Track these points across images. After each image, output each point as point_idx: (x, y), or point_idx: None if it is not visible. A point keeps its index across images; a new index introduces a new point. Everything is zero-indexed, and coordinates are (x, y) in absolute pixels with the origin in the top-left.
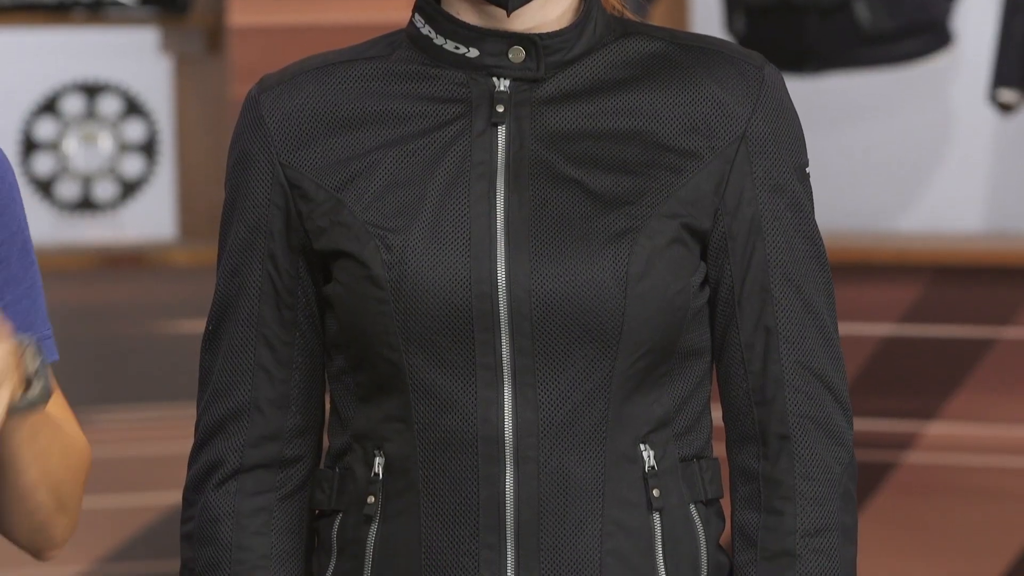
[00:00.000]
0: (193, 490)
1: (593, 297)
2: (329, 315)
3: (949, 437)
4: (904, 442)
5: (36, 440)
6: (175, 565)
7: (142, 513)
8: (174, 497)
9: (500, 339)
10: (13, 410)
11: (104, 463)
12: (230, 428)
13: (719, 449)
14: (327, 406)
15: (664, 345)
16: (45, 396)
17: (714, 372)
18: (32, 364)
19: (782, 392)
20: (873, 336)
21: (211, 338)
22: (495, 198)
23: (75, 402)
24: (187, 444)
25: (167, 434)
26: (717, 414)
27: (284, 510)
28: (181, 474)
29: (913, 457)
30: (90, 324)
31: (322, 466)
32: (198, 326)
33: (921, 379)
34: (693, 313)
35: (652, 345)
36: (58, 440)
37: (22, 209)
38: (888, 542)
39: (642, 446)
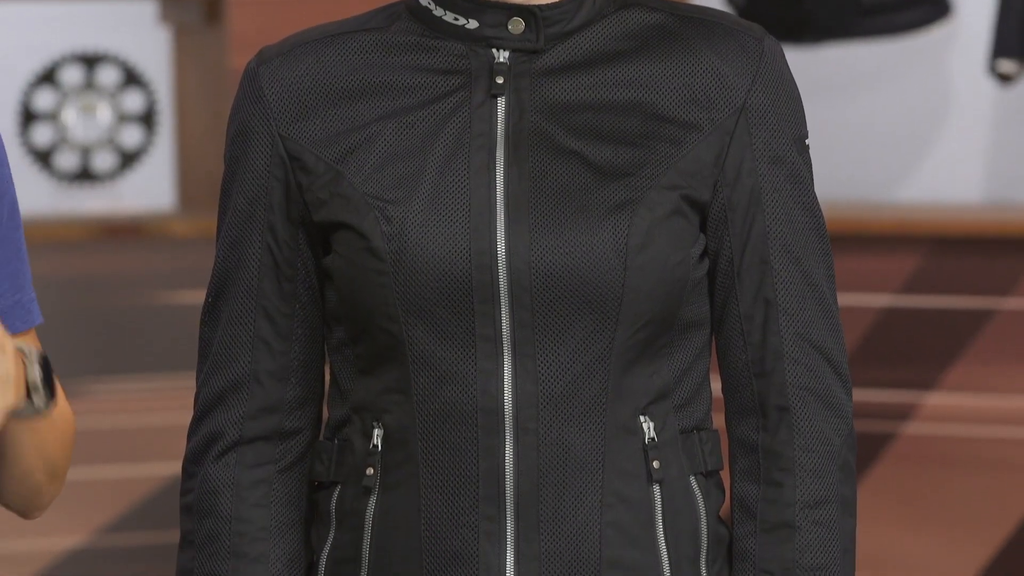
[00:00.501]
0: (193, 462)
1: (593, 269)
2: (329, 287)
3: (948, 408)
4: (903, 413)
5: (36, 432)
6: (175, 536)
7: (142, 484)
8: (174, 468)
9: (500, 311)
10: (16, 415)
11: (104, 434)
12: (230, 400)
13: (719, 421)
14: (327, 378)
15: (664, 317)
16: (48, 405)
17: (713, 344)
18: (34, 373)
19: (781, 364)
20: (872, 307)
21: (211, 310)
22: (495, 170)
23: (75, 373)
24: (187, 415)
25: (167, 405)
26: (717, 386)
27: (284, 482)
28: (181, 445)
29: (912, 428)
30: (89, 295)
31: (321, 438)
32: (198, 297)
33: (920, 350)
34: (692, 285)
35: (652, 317)
36: (55, 425)
37: (9, 172)
38: (887, 513)
39: (642, 418)
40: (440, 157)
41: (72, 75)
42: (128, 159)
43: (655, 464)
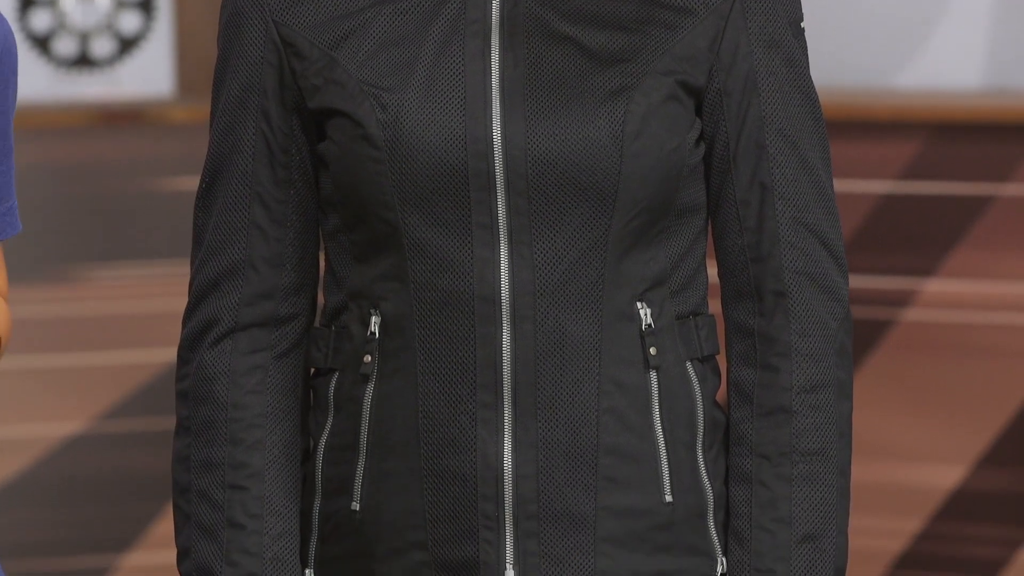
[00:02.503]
0: (188, 349)
1: (589, 156)
2: (324, 174)
3: (947, 294)
4: (902, 299)
5: None
6: (172, 422)
7: (140, 370)
8: (172, 354)
9: (496, 198)
10: None
11: (102, 320)
12: (224, 287)
13: (716, 306)
14: (322, 264)
15: (660, 203)
16: None
17: (710, 229)
18: None
19: (777, 248)
20: (872, 193)
21: (204, 196)
22: (490, 56)
23: (73, 259)
24: (185, 301)
25: (165, 291)
26: (714, 271)
27: (279, 369)
28: (179, 331)
29: (912, 314)
30: (87, 181)
31: (318, 324)
32: (196, 183)
33: (920, 236)
34: (689, 170)
35: (648, 203)
36: None
37: (16, 81)
38: (886, 399)
39: (639, 304)
40: (435, 43)
41: None
42: (127, 45)
43: (652, 350)
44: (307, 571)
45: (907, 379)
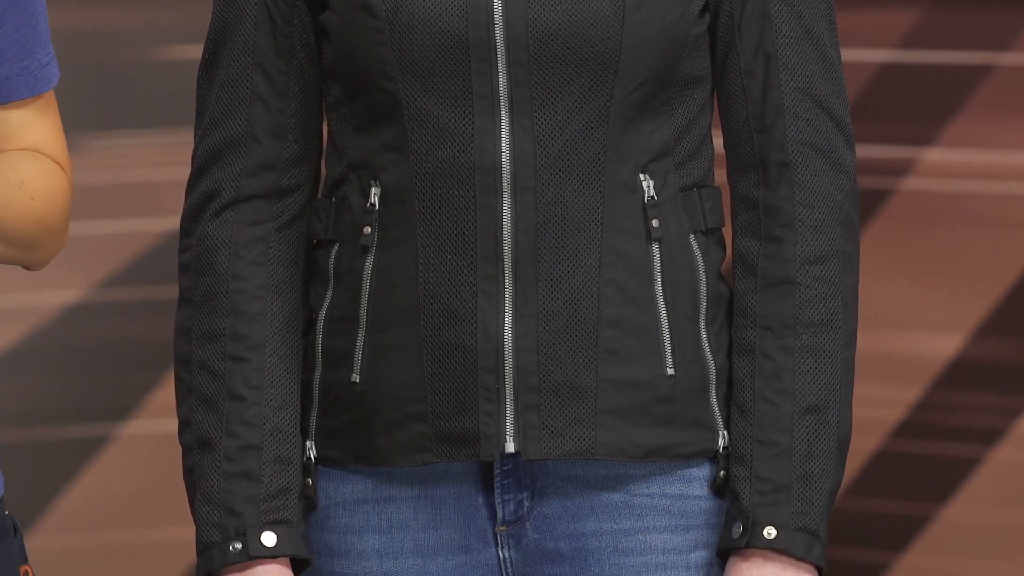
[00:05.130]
0: (190, 220)
1: (590, 26)
2: (326, 44)
3: (948, 163)
4: (902, 168)
5: None
6: (173, 291)
7: (140, 239)
8: (172, 223)
9: (497, 69)
10: None
11: (102, 189)
12: (226, 158)
13: (723, 177)
14: (326, 136)
15: (663, 73)
16: None
17: (716, 101)
18: None
19: (782, 119)
20: (872, 62)
21: (207, 67)
22: None
23: (73, 127)
24: (187, 171)
25: (162, 159)
26: (719, 141)
27: (281, 240)
28: (180, 200)
29: (911, 183)
30: (87, 49)
31: (319, 196)
32: (197, 51)
33: (920, 105)
34: (692, 41)
35: (651, 74)
36: (10, 210)
37: None
38: (888, 268)
39: (641, 176)
40: None
41: None
42: None
43: (654, 223)
44: (308, 442)
45: (906, 248)
